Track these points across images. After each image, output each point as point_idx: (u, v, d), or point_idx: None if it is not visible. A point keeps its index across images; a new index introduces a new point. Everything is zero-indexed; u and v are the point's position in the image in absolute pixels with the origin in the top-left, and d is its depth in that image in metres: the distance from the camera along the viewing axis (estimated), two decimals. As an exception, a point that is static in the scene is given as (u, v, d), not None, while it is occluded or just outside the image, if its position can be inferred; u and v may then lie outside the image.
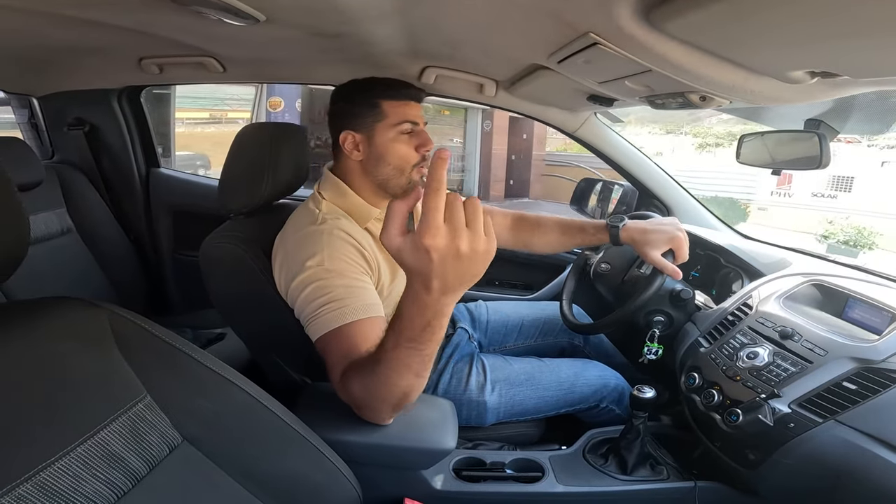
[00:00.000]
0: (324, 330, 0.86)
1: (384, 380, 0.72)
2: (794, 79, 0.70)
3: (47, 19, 1.06)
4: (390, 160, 1.01)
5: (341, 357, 0.83)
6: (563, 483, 0.95)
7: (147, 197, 1.94)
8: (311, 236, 0.94)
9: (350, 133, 1.01)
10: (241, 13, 0.89)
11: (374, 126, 1.01)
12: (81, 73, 1.65)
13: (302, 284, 0.90)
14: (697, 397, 0.98)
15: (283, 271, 0.94)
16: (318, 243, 0.92)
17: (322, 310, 0.87)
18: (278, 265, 0.96)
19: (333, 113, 1.05)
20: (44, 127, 1.84)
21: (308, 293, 0.89)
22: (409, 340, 0.67)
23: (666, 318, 1.17)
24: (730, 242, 1.32)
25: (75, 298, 0.59)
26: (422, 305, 0.64)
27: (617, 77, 0.94)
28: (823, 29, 0.53)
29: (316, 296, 0.88)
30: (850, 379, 0.82)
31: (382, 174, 1.02)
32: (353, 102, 1.02)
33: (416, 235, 0.59)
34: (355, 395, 0.79)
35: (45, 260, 1.54)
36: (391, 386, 0.73)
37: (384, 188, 1.04)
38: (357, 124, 1.01)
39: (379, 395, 0.76)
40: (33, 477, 0.45)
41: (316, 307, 0.88)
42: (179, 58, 1.50)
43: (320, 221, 0.96)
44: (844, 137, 11.92)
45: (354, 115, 1.02)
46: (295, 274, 0.91)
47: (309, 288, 0.89)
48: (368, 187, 1.04)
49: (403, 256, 0.61)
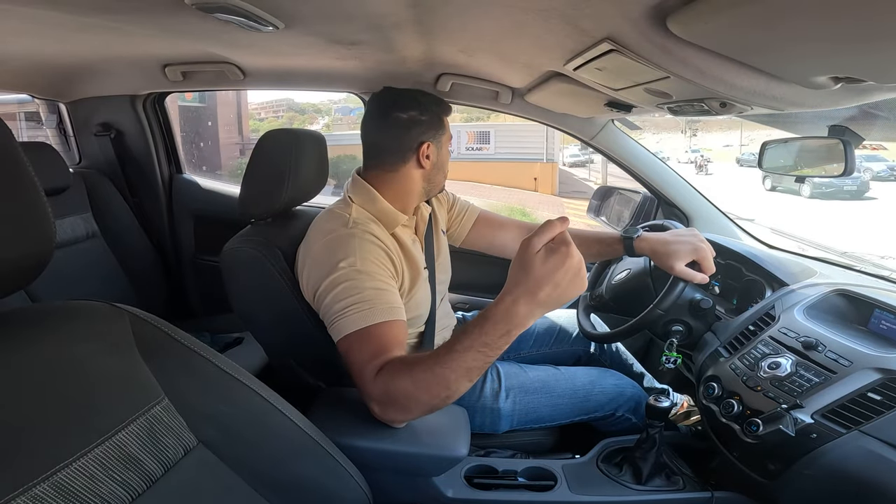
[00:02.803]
0: (352, 328, 0.88)
1: (440, 379, 0.77)
2: (818, 84, 0.68)
3: (73, 26, 1.10)
4: (445, 168, 1.15)
5: (372, 355, 0.85)
6: (575, 492, 0.94)
7: (170, 202, 1.98)
8: (343, 239, 0.96)
9: (429, 143, 1.07)
10: (261, 20, 0.91)
11: (440, 139, 1.10)
12: (107, 79, 1.70)
13: (332, 284, 0.91)
14: (716, 407, 0.96)
15: (312, 273, 0.96)
16: (350, 246, 0.94)
17: (350, 309, 0.89)
18: (306, 268, 0.97)
19: (406, 122, 1.05)
20: (72, 133, 1.90)
21: (338, 292, 0.91)
22: (483, 345, 0.75)
23: (685, 328, 1.15)
24: (752, 251, 1.29)
25: (98, 302, 0.60)
26: (513, 314, 0.73)
27: (634, 84, 0.93)
28: (847, 34, 0.52)
29: (346, 295, 0.90)
30: (875, 390, 0.80)
31: (437, 181, 1.13)
32: (429, 114, 1.07)
33: (561, 244, 0.72)
34: (397, 390, 0.81)
35: (70, 263, 1.58)
36: (443, 387, 0.77)
37: (429, 193, 1.14)
38: (432, 136, 1.07)
39: (428, 393, 0.79)
40: (50, 477, 0.46)
41: (344, 306, 0.89)
42: (201, 65, 1.54)
43: (351, 225, 0.98)
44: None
45: (431, 127, 1.07)
46: (325, 274, 0.92)
47: (339, 287, 0.91)
48: (404, 195, 1.08)
49: (535, 261, 0.72)
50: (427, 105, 1.06)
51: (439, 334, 1.17)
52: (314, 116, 25.94)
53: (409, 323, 1.07)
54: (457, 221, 1.36)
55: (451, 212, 1.35)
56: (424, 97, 1.08)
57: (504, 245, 1.37)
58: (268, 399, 0.69)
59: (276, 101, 26.25)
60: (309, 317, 0.99)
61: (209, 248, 1.94)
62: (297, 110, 26.53)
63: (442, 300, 1.24)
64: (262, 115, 25.86)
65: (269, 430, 0.69)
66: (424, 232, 1.15)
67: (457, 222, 1.36)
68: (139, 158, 1.89)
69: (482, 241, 1.38)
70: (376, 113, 1.07)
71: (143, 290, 1.79)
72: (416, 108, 1.05)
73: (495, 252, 1.39)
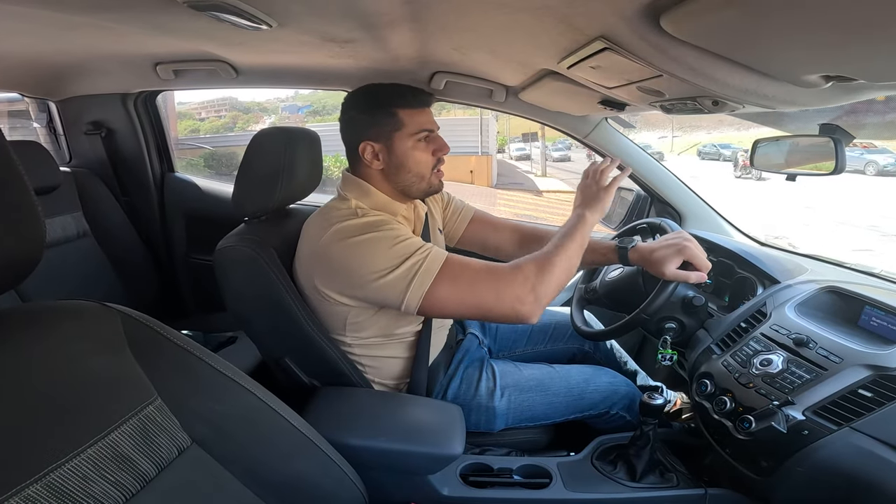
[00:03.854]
0: (437, 266, 0.91)
1: (571, 254, 0.99)
2: (809, 83, 0.69)
3: (64, 25, 1.09)
4: (411, 167, 1.04)
5: (487, 268, 0.94)
6: (570, 489, 0.95)
7: (162, 201, 1.96)
8: (360, 220, 0.95)
9: (369, 143, 1.02)
10: (255, 19, 0.91)
11: (392, 135, 1.02)
12: (98, 77, 1.68)
13: (373, 253, 0.91)
14: (709, 404, 0.97)
15: (331, 263, 0.95)
16: (370, 222, 0.95)
17: (416, 259, 0.91)
18: (319, 263, 0.97)
19: (349, 121, 1.05)
20: (61, 131, 1.88)
21: (385, 257, 0.91)
22: (573, 229, 1.03)
23: (678, 325, 1.15)
24: (744, 249, 1.30)
25: (89, 301, 0.60)
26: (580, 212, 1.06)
27: (628, 82, 0.93)
28: (839, 33, 0.52)
29: (397, 254, 0.91)
30: (866, 386, 0.81)
31: (404, 181, 1.05)
32: (369, 112, 1.03)
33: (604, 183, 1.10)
34: (550, 275, 0.95)
35: (61, 263, 1.56)
36: (575, 259, 1.00)
37: (406, 193, 1.08)
38: (375, 134, 1.02)
39: (569, 265, 0.98)
40: (43, 478, 0.45)
41: (414, 262, 0.91)
42: (193, 63, 1.53)
43: (361, 214, 0.98)
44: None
45: (372, 125, 1.02)
46: (355, 252, 0.92)
47: (383, 253, 0.91)
48: (389, 190, 1.07)
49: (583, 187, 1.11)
50: (372, 102, 1.03)
51: (437, 332, 1.17)
52: (260, 115, 25.41)
53: (406, 321, 1.07)
54: (452, 221, 1.35)
55: (446, 210, 1.34)
56: (375, 93, 1.04)
57: (498, 246, 1.35)
58: (262, 398, 0.68)
59: (219, 99, 25.63)
60: (304, 316, 0.99)
61: (202, 247, 1.93)
62: (240, 109, 25.99)
63: None
64: (202, 114, 25.49)
65: (263, 429, 0.69)
66: (421, 232, 1.15)
67: (452, 221, 1.35)
68: (130, 157, 1.88)
69: (476, 241, 1.37)
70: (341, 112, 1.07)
71: (135, 290, 1.77)
72: (357, 106, 1.04)
73: (489, 253, 1.36)
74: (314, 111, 25.18)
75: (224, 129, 23.61)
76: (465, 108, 2.03)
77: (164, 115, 1.95)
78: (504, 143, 22.08)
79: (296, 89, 6.14)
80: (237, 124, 23.82)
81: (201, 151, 13.01)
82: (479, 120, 15.18)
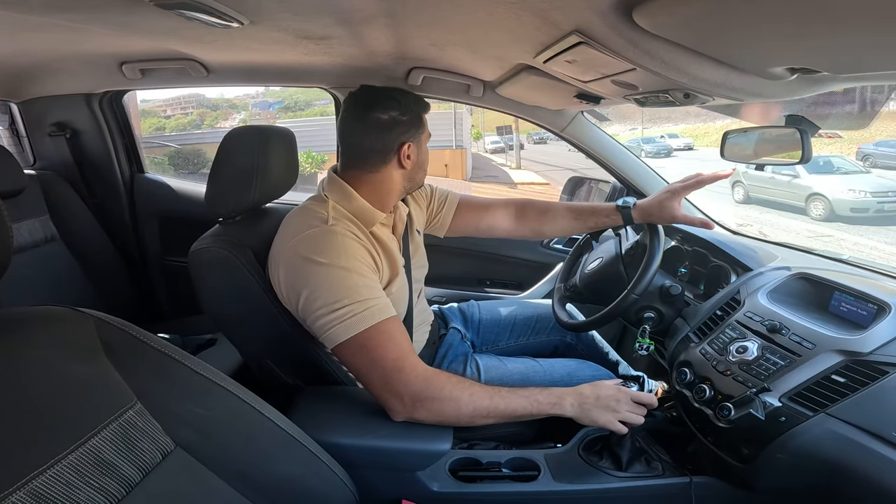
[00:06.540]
0: (366, 325, 0.89)
1: (491, 404, 0.92)
2: (775, 75, 0.71)
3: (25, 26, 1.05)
4: (424, 164, 1.12)
5: (403, 351, 0.91)
6: (559, 481, 0.96)
7: (132, 203, 1.91)
8: (324, 236, 0.93)
9: (410, 143, 1.04)
10: (225, 16, 0.89)
11: (420, 137, 1.08)
12: (61, 77, 1.63)
13: (321, 284, 0.89)
14: (689, 392, 0.98)
15: (291, 274, 0.93)
16: (332, 242, 0.92)
17: (355, 307, 0.89)
18: (281, 268, 0.94)
19: (387, 123, 1.02)
20: (24, 133, 1.81)
21: (331, 293, 0.89)
22: (536, 401, 0.96)
23: (656, 315, 1.18)
24: (717, 238, 1.33)
25: (61, 307, 0.58)
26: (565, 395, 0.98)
27: (603, 76, 0.95)
28: (802, 26, 0.54)
29: (342, 295, 0.89)
30: (839, 372, 0.82)
31: (418, 179, 1.12)
32: (409, 113, 1.04)
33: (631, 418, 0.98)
34: (447, 395, 0.90)
35: (31, 268, 1.51)
36: (488, 410, 0.92)
37: (409, 191, 1.13)
38: (413, 135, 1.05)
39: (473, 408, 0.91)
40: (26, 485, 0.44)
41: (344, 305, 0.88)
42: (161, 62, 1.49)
43: (331, 223, 0.96)
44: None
45: (411, 126, 1.05)
46: (310, 274, 0.90)
47: (331, 287, 0.89)
48: (384, 194, 1.06)
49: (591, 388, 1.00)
50: (407, 104, 1.04)
51: (418, 329, 1.17)
52: (229, 112, 24.82)
53: None
54: (438, 212, 1.34)
55: (430, 205, 1.34)
56: (404, 96, 1.05)
57: (491, 226, 1.38)
58: (245, 400, 0.68)
59: (185, 96, 24.93)
60: (283, 316, 0.98)
61: (177, 249, 1.89)
62: (208, 106, 25.40)
63: (419, 297, 1.24)
64: (168, 112, 24.84)
65: (248, 430, 0.68)
66: (402, 232, 1.14)
67: (438, 213, 1.34)
68: (97, 158, 1.82)
69: (468, 226, 1.37)
70: (355, 113, 1.03)
71: (107, 294, 1.72)
72: (396, 108, 1.02)
73: (483, 234, 1.39)
74: (286, 107, 24.70)
75: (191, 126, 23.02)
76: (440, 102, 2.03)
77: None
78: (479, 137, 22.08)
79: (269, 87, 5.98)
80: (205, 121, 23.23)
81: (167, 150, 12.95)
82: (452, 114, 15.21)
